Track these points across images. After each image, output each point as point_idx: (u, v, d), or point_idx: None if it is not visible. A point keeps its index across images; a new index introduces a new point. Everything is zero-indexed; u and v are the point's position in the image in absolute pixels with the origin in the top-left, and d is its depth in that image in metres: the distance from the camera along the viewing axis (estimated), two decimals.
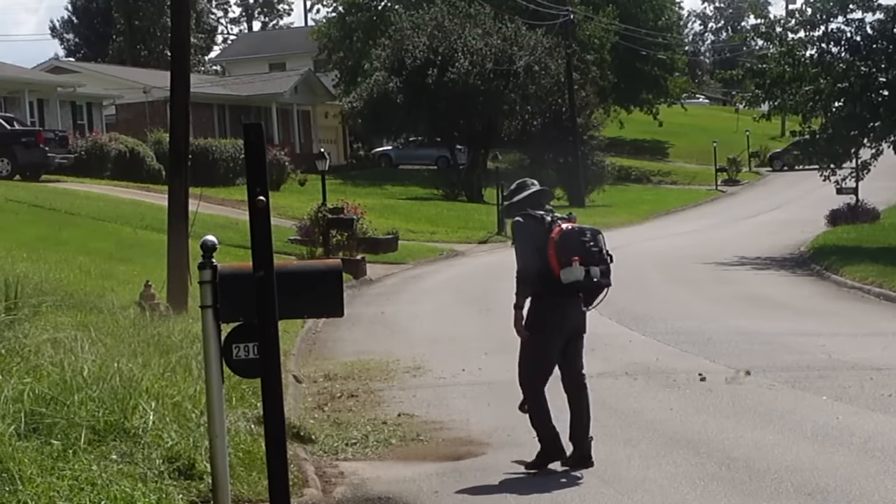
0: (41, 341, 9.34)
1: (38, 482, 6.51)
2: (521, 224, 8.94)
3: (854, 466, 8.67)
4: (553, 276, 8.71)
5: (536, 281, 8.75)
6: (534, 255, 8.75)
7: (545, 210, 9.05)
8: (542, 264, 8.74)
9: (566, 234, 8.74)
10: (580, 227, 8.93)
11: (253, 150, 5.75)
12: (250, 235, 5.78)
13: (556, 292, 8.75)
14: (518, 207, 9.06)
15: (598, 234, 8.95)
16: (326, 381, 13.17)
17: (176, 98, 15.87)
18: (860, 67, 30.64)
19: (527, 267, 8.79)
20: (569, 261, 8.65)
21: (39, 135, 38.27)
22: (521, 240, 8.89)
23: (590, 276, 8.74)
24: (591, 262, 8.75)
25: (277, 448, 5.82)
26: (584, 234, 8.82)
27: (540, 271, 8.74)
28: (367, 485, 8.66)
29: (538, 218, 8.92)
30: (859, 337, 15.91)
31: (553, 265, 8.70)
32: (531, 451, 9.42)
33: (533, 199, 9.09)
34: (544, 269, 8.73)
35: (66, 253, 20.29)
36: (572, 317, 8.92)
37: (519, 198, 9.11)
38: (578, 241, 8.74)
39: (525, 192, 9.13)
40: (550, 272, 8.71)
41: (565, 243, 8.70)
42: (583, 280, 8.71)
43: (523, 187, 9.21)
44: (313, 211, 27.22)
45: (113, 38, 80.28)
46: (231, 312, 6.13)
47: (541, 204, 9.09)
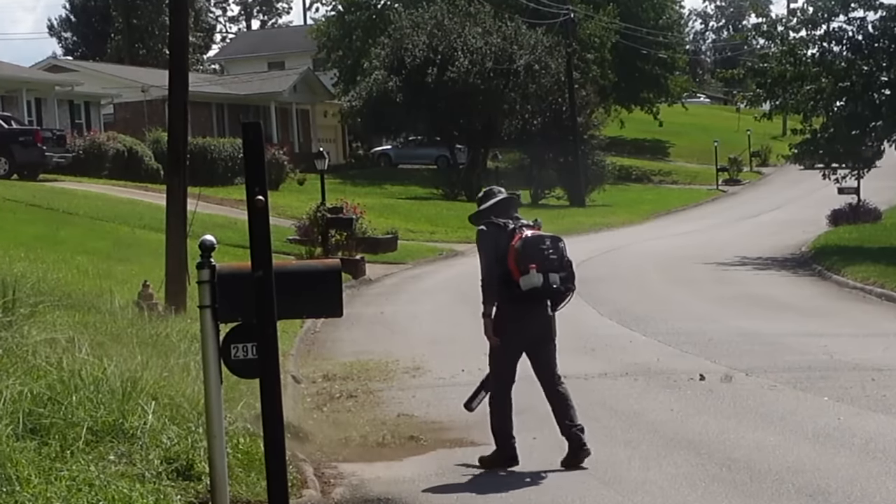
0: (39, 341, 9.31)
1: (36, 483, 6.49)
2: (485, 233, 9.09)
3: (856, 467, 8.64)
4: (514, 284, 8.86)
5: (500, 288, 8.92)
6: (496, 264, 8.92)
7: (511, 218, 9.16)
8: (504, 272, 8.90)
9: (525, 242, 8.87)
10: (540, 234, 9.07)
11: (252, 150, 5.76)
12: (249, 235, 5.77)
13: (518, 299, 8.90)
14: (483, 216, 9.19)
15: (558, 242, 9.08)
16: (325, 382, 13.13)
17: (174, 97, 15.82)
18: (861, 66, 30.59)
19: (490, 275, 8.96)
20: (526, 268, 8.79)
21: (37, 134, 38.18)
22: (484, 248, 9.04)
23: (549, 283, 8.87)
24: (549, 268, 8.88)
25: (276, 449, 5.83)
26: (542, 242, 8.95)
27: (502, 279, 8.90)
28: (365, 486, 8.63)
29: (501, 226, 9.05)
30: (861, 338, 15.87)
31: (513, 272, 8.86)
32: (531, 451, 9.43)
33: (499, 207, 9.20)
34: (506, 277, 8.89)
35: (64, 252, 20.25)
36: (536, 324, 9.07)
37: (484, 206, 9.24)
38: (537, 248, 8.87)
39: (491, 201, 9.25)
40: (512, 280, 8.87)
41: (523, 251, 8.83)
42: (541, 287, 8.83)
43: (490, 195, 9.34)
44: (312, 210, 27.17)
45: (111, 37, 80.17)
46: (230, 312, 6.13)
47: (507, 212, 9.20)
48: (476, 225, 9.27)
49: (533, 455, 9.35)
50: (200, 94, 50.05)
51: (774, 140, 71.37)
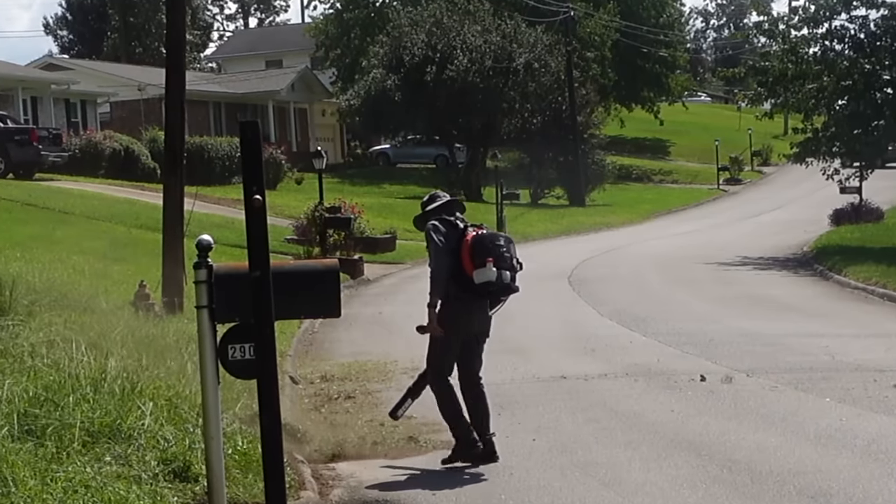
0: (35, 342, 9.27)
1: (32, 485, 6.45)
2: (436, 227, 9.29)
3: (858, 469, 8.62)
4: (465, 278, 9.10)
5: (449, 283, 9.13)
6: (447, 258, 9.14)
7: (456, 218, 9.40)
8: (455, 266, 9.12)
9: (481, 237, 9.14)
10: (495, 233, 9.49)
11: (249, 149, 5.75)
12: (246, 235, 5.75)
13: (466, 294, 9.15)
14: (432, 215, 9.44)
15: (510, 243, 9.35)
16: (323, 383, 13.11)
17: (171, 95, 15.75)
18: (864, 65, 30.56)
19: (440, 269, 9.17)
20: (483, 262, 9.02)
21: (33, 133, 38.05)
22: (434, 243, 9.23)
23: (501, 279, 9.10)
24: (503, 266, 9.11)
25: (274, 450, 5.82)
26: (497, 240, 9.24)
27: (453, 273, 9.12)
28: (363, 487, 8.61)
29: (452, 223, 9.32)
30: (863, 338, 15.86)
31: (466, 267, 9.09)
32: (530, 452, 9.43)
33: (445, 208, 9.50)
34: (457, 272, 9.12)
35: (60, 252, 20.20)
36: (478, 320, 9.35)
37: (431, 207, 9.52)
38: (493, 244, 9.14)
39: (436, 202, 9.56)
40: (463, 274, 9.11)
41: (480, 246, 9.08)
42: (494, 281, 9.07)
43: (435, 198, 9.64)
44: (310, 210, 27.15)
45: (107, 35, 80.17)
46: (227, 313, 6.11)
47: (452, 213, 9.47)
48: (421, 227, 9.51)
49: (532, 456, 9.33)
50: (197, 93, 50.00)
51: (776, 139, 71.33)
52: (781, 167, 62.32)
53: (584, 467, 8.95)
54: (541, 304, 20.67)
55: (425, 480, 8.80)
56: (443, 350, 9.30)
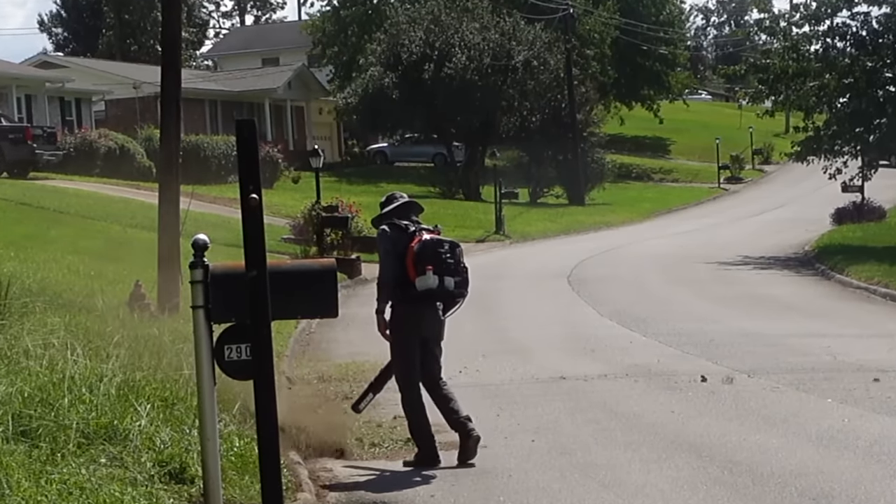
0: (30, 343, 9.21)
1: (26, 487, 6.41)
2: (385, 233, 9.37)
3: (860, 470, 8.59)
4: (410, 284, 9.19)
5: (395, 288, 9.22)
6: (394, 263, 9.22)
7: (411, 221, 9.47)
8: (400, 272, 9.20)
9: (423, 245, 9.20)
10: (440, 238, 9.41)
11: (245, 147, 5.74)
12: (243, 234, 5.74)
13: (413, 299, 9.21)
14: (385, 218, 9.49)
15: (456, 247, 9.38)
16: (321, 383, 13.07)
17: (167, 93, 15.66)
18: (865, 62, 30.51)
19: (386, 274, 9.27)
20: (423, 269, 9.10)
21: (27, 131, 37.99)
22: (383, 248, 9.36)
23: (443, 286, 9.19)
24: (445, 272, 9.19)
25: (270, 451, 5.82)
26: (441, 246, 9.27)
27: (398, 279, 9.20)
28: (361, 489, 8.58)
29: (402, 227, 9.37)
30: (865, 338, 15.88)
31: (410, 273, 9.17)
32: (529, 454, 9.40)
33: (400, 210, 9.53)
34: (402, 277, 9.20)
35: (55, 252, 20.18)
36: (427, 324, 9.37)
37: (387, 209, 9.55)
38: (434, 251, 9.18)
39: (393, 204, 9.57)
40: (408, 280, 9.18)
41: (422, 253, 9.15)
42: (436, 288, 9.15)
43: (392, 199, 9.68)
44: (307, 209, 27.12)
45: (102, 33, 79.97)
46: (223, 313, 6.10)
47: (408, 216, 9.51)
48: (377, 227, 9.54)
49: (531, 457, 9.31)
50: (193, 91, 49.93)
51: (777, 137, 71.42)
52: (783, 166, 62.28)
53: (584, 469, 8.92)
54: (540, 304, 20.66)
55: (423, 482, 8.75)
56: (399, 355, 9.39)
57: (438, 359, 9.54)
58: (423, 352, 9.43)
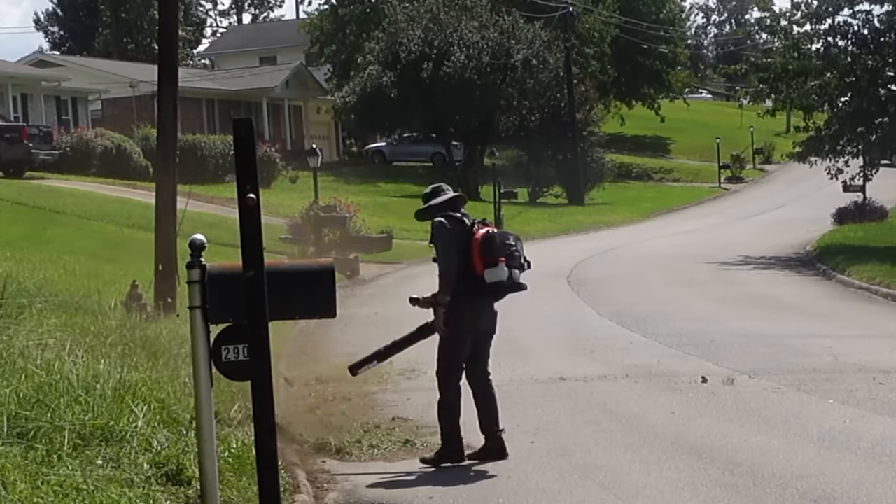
0: (26, 343, 9.18)
1: (22, 488, 6.39)
2: (443, 224, 9.22)
3: (861, 472, 8.56)
4: (475, 276, 9.05)
5: (458, 280, 9.06)
6: (456, 255, 9.09)
7: (462, 213, 9.35)
8: (464, 264, 9.06)
9: (492, 236, 9.10)
10: (505, 231, 9.45)
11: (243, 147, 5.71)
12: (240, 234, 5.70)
13: (475, 292, 9.10)
14: (437, 210, 9.36)
15: (519, 241, 9.35)
16: (318, 384, 13.01)
17: (163, 92, 15.61)
18: (867, 61, 30.46)
19: (450, 267, 9.10)
20: (495, 261, 8.99)
21: (23, 130, 37.94)
22: (443, 241, 9.17)
23: (512, 278, 9.10)
24: (513, 265, 9.10)
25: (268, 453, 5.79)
26: (508, 238, 9.21)
27: (462, 271, 9.06)
28: (359, 490, 8.56)
29: (459, 219, 9.26)
30: (867, 339, 15.84)
31: (476, 265, 9.04)
32: (528, 455, 9.36)
33: (449, 203, 9.39)
34: (466, 270, 9.06)
35: (51, 252, 20.18)
36: (486, 317, 9.32)
37: (438, 201, 9.40)
38: (504, 243, 9.11)
39: (444, 196, 9.44)
40: (473, 272, 9.05)
41: (492, 244, 9.05)
42: (506, 281, 9.07)
43: (440, 191, 9.52)
44: (305, 209, 27.15)
45: (99, 31, 79.99)
46: (220, 313, 6.07)
47: (457, 208, 9.39)
48: (425, 219, 9.47)
49: (531, 459, 9.28)
50: (190, 90, 49.87)
51: (778, 137, 71.32)
52: (784, 165, 62.06)
53: (584, 470, 8.89)
54: (539, 304, 20.57)
55: (422, 483, 8.73)
56: (453, 348, 9.23)
57: (488, 352, 9.46)
58: (478, 345, 9.33)
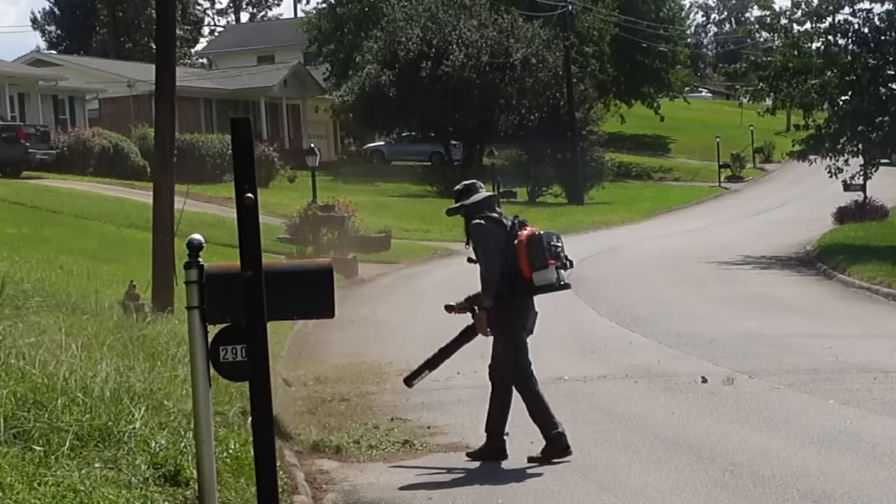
0: (23, 343, 9.15)
1: (19, 489, 6.35)
2: (484, 226, 9.07)
3: (862, 472, 8.54)
4: (521, 278, 8.91)
5: (501, 282, 8.92)
6: (499, 259, 8.93)
7: (498, 213, 9.20)
8: (509, 266, 8.90)
9: (538, 238, 8.93)
10: (549, 231, 9.21)
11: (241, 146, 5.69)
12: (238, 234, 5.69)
13: (519, 294, 9.00)
14: (475, 209, 9.18)
15: (561, 238, 9.24)
16: (317, 385, 13.02)
17: (161, 92, 15.55)
18: (867, 60, 30.40)
19: (493, 268, 8.95)
20: (545, 264, 8.86)
21: (20, 130, 37.93)
22: (484, 241, 9.02)
23: (559, 279, 9.01)
24: (559, 265, 9.04)
25: (266, 454, 5.77)
26: (552, 238, 9.06)
27: (505, 273, 8.90)
28: (358, 491, 8.52)
29: (498, 220, 9.10)
30: (867, 338, 15.80)
31: (523, 268, 8.88)
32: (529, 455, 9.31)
33: (486, 203, 9.24)
34: (511, 272, 8.90)
35: (48, 252, 20.16)
36: (531, 317, 9.27)
37: (475, 199, 9.22)
38: (550, 245, 8.97)
39: (480, 196, 9.25)
40: (519, 274, 8.91)
41: (538, 247, 8.88)
42: (554, 282, 8.96)
43: (473, 189, 9.33)
44: (303, 208, 27.10)
45: (96, 30, 79.93)
46: (218, 313, 6.05)
47: (492, 207, 9.24)
48: (451, 215, 9.39)
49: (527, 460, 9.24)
50: (188, 89, 49.81)
51: (778, 136, 71.29)
52: (784, 164, 62.13)
53: (583, 470, 8.87)
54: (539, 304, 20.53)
55: (421, 484, 8.70)
56: (513, 349, 9.17)
57: None
58: None
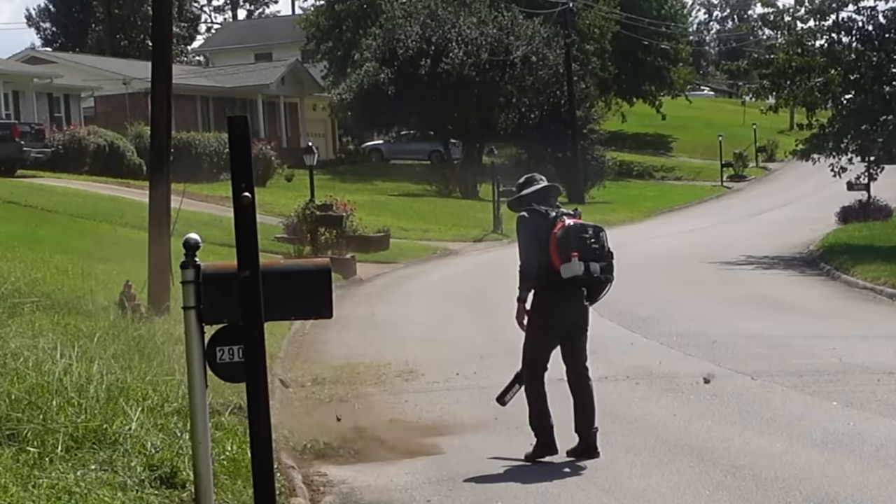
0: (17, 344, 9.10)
1: (14, 491, 6.35)
2: (526, 219, 9.23)
3: (865, 474, 8.50)
4: (554, 271, 9.03)
5: (538, 275, 9.06)
6: (536, 250, 9.08)
7: (551, 206, 9.30)
8: (544, 259, 9.06)
9: (567, 230, 9.04)
10: (582, 223, 9.24)
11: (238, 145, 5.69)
12: (235, 233, 5.68)
13: (556, 287, 9.05)
14: (524, 202, 9.35)
15: (600, 232, 9.24)
16: (315, 386, 12.96)
17: (157, 90, 15.50)
18: (871, 58, 30.30)
19: (529, 261, 9.12)
20: (568, 256, 8.96)
21: (14, 128, 37.89)
22: (524, 234, 9.19)
23: (589, 272, 9.05)
24: (590, 257, 9.06)
25: (263, 455, 5.77)
26: (585, 231, 9.12)
27: (542, 266, 9.06)
28: (357, 493, 8.49)
29: (542, 213, 9.20)
30: (871, 339, 15.74)
31: (554, 260, 9.02)
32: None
33: (540, 194, 9.36)
34: (546, 264, 9.05)
35: (43, 252, 20.15)
36: (572, 312, 9.23)
37: (526, 192, 9.41)
38: (578, 237, 9.04)
39: (533, 188, 9.41)
40: (551, 267, 9.03)
41: (566, 239, 9.01)
42: (582, 275, 9.00)
43: (531, 182, 9.51)
44: (301, 208, 27.07)
45: (92, 27, 79.87)
46: (215, 314, 6.04)
47: (548, 200, 9.34)
48: (516, 211, 9.45)
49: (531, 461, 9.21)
50: (185, 87, 49.71)
51: (781, 134, 71.25)
52: (787, 163, 62.01)
53: (584, 473, 8.84)
54: None
55: (420, 486, 8.65)
56: (534, 343, 9.23)
57: (585, 347, 9.41)
58: (568, 341, 9.29)
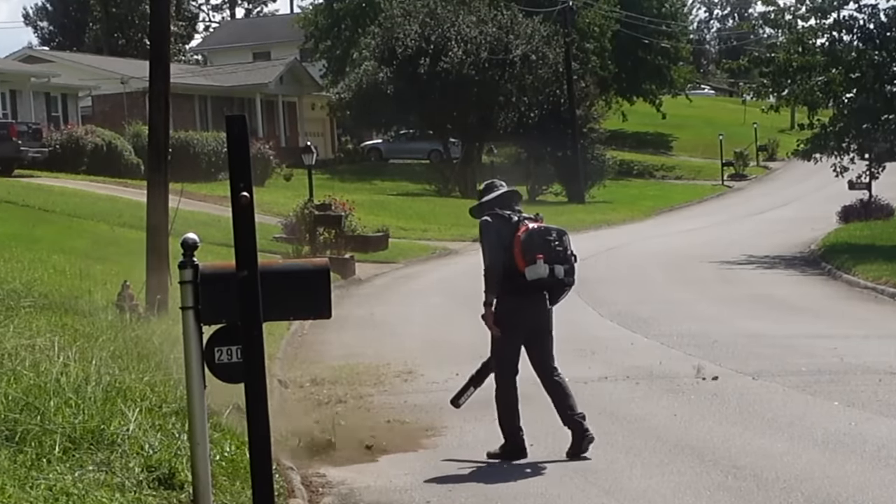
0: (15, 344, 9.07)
1: (11, 492, 6.31)
2: (489, 223, 9.36)
3: (867, 475, 8.51)
4: (518, 274, 9.18)
5: (503, 278, 9.21)
6: (500, 254, 9.23)
7: (513, 210, 9.47)
8: (508, 262, 9.20)
9: (531, 233, 9.21)
10: (546, 226, 9.43)
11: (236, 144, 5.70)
12: (233, 233, 5.69)
13: (520, 290, 9.21)
14: (486, 207, 9.49)
15: (563, 235, 9.41)
16: (313, 386, 12.96)
17: (155, 89, 15.48)
18: (873, 56, 30.25)
19: (494, 265, 9.25)
20: (533, 258, 9.12)
21: (12, 127, 37.84)
22: (488, 238, 9.33)
23: (554, 275, 9.22)
24: (555, 260, 9.21)
25: (262, 456, 5.78)
26: (549, 234, 9.29)
27: (506, 269, 9.20)
28: (355, 494, 8.49)
29: (505, 217, 9.37)
30: (873, 339, 15.72)
31: (518, 263, 9.17)
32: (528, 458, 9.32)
33: (502, 199, 9.52)
34: (510, 267, 9.19)
35: (41, 252, 20.13)
36: (536, 314, 9.40)
37: (487, 198, 9.54)
38: (543, 239, 9.22)
39: (494, 193, 9.56)
40: (516, 270, 9.18)
41: (530, 241, 9.16)
42: (546, 277, 9.18)
43: (492, 188, 9.65)
44: (299, 207, 27.06)
45: (89, 26, 79.71)
46: (213, 314, 6.04)
47: (509, 205, 9.51)
48: (478, 217, 9.54)
49: (530, 462, 9.23)
50: (183, 86, 49.74)
51: (782, 133, 71.26)
52: (788, 162, 61.97)
53: (584, 474, 8.82)
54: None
55: (419, 486, 8.65)
56: (501, 346, 9.38)
57: (551, 349, 9.52)
58: (534, 343, 9.41)
